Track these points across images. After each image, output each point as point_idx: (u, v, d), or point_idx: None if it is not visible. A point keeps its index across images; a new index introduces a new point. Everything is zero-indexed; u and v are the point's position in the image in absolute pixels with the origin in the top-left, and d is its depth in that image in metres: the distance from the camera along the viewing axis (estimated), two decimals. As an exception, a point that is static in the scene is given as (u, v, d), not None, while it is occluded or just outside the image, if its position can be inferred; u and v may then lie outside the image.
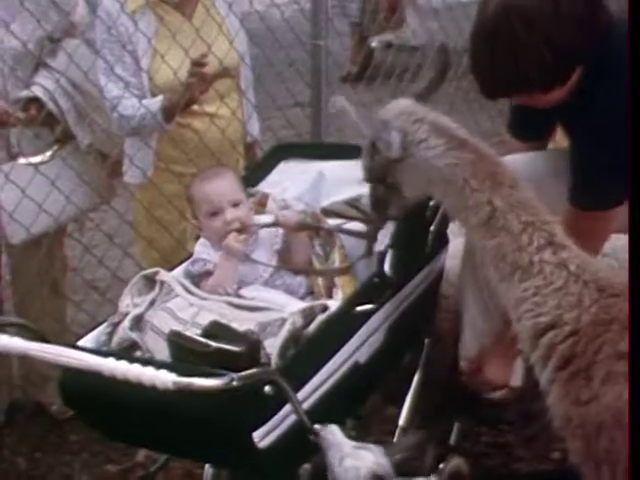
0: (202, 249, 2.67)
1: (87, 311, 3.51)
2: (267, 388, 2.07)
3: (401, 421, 2.67)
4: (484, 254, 2.26)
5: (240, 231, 2.60)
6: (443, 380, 2.82)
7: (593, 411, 2.05)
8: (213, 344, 2.21)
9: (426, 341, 2.81)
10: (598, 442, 2.05)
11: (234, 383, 1.93)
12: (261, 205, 2.88)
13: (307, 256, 2.74)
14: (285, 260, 2.72)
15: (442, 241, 2.78)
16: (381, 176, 2.36)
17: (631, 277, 1.98)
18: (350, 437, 2.12)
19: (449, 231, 2.79)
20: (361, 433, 2.46)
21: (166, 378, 1.89)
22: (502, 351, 2.64)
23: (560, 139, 2.86)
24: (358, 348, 2.43)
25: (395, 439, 2.61)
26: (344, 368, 2.37)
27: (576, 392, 2.09)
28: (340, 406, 2.40)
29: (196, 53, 3.09)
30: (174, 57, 3.11)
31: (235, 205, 2.64)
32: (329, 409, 2.29)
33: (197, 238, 2.75)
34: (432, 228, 2.67)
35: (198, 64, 3.02)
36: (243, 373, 1.98)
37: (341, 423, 2.21)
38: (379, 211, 2.47)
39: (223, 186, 2.66)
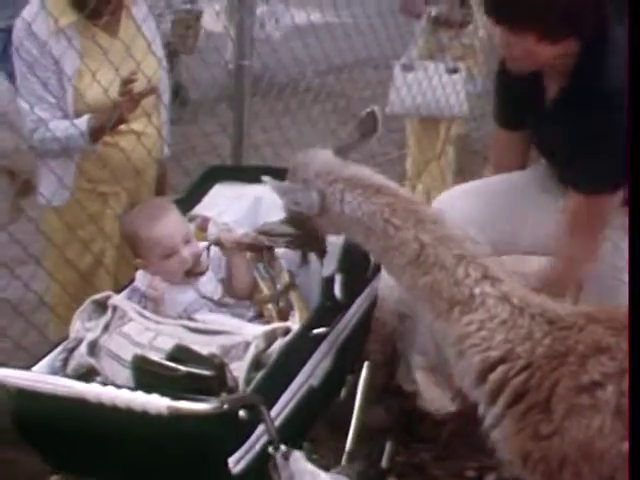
0: (142, 279, 2.66)
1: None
2: (241, 412, 2.08)
3: (347, 446, 2.70)
4: (416, 293, 2.22)
5: (194, 266, 2.62)
6: (381, 401, 2.88)
7: (556, 445, 2.00)
8: (183, 368, 2.20)
9: (365, 364, 2.87)
10: (561, 475, 2.02)
11: (225, 407, 1.93)
12: (202, 229, 2.88)
13: (250, 279, 2.75)
14: (229, 286, 2.72)
15: (378, 265, 2.85)
16: (302, 225, 2.40)
17: (631, 277, 1.94)
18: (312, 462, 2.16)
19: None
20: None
21: (159, 403, 1.87)
22: None
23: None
24: (313, 371, 2.46)
25: (342, 464, 2.65)
26: (302, 391, 2.40)
27: (534, 427, 2.03)
28: (298, 430, 2.42)
29: (125, 72, 3.04)
30: (103, 76, 3.05)
31: (187, 242, 2.63)
32: (289, 433, 2.30)
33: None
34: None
35: (128, 82, 2.97)
36: (232, 397, 1.98)
37: (299, 447, 2.24)
38: (302, 252, 2.54)
39: (173, 225, 2.65)
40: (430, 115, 4.81)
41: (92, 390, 1.90)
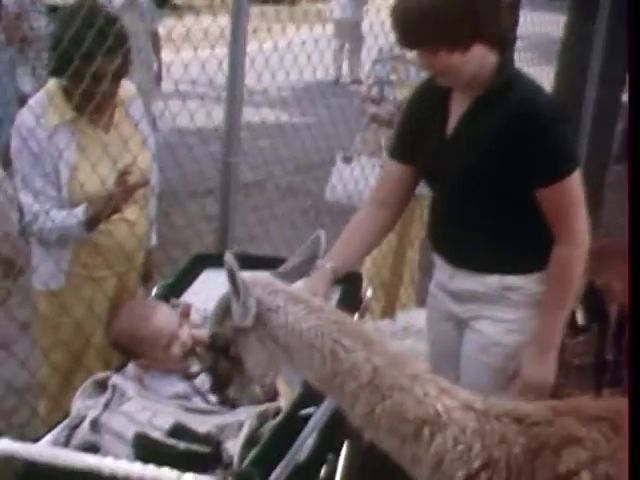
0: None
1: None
2: (237, 489, 2.23)
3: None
4: (373, 421, 2.12)
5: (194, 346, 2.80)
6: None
7: None
8: (182, 445, 2.37)
9: (345, 442, 3.02)
10: None
11: (229, 479, 2.09)
12: (185, 316, 3.04)
13: None
14: None
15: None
16: (225, 346, 2.29)
17: (631, 278, 1.97)
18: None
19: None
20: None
21: (170, 476, 2.01)
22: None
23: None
24: (299, 449, 2.62)
25: None
26: (290, 468, 2.55)
27: None
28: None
29: (119, 165, 3.23)
30: (98, 169, 3.24)
31: (181, 326, 2.82)
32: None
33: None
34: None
35: (124, 174, 3.16)
36: (233, 471, 2.13)
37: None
38: (219, 389, 2.39)
39: (166, 315, 2.84)
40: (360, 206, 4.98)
41: (107, 464, 2.04)
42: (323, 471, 2.88)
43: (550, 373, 2.74)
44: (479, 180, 2.69)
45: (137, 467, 2.03)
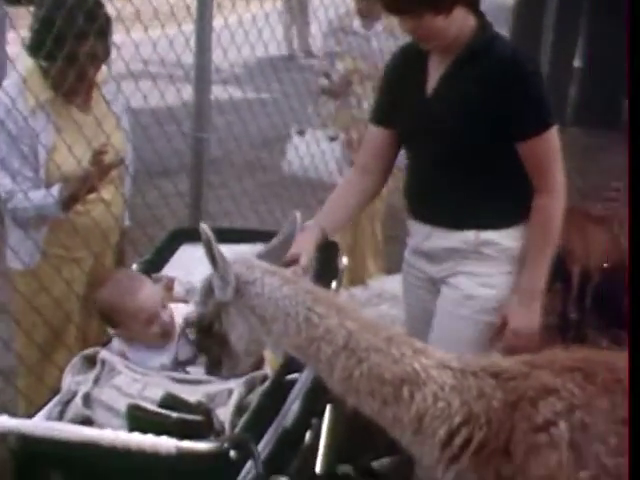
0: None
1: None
2: (232, 452, 2.30)
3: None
4: (352, 385, 2.19)
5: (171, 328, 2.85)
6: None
7: None
8: (174, 415, 2.43)
9: (328, 407, 3.11)
10: None
11: (225, 445, 2.16)
12: (168, 289, 3.10)
13: None
14: None
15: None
16: (209, 325, 2.39)
17: (631, 278, 2.00)
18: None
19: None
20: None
21: (169, 444, 2.09)
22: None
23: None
24: (285, 415, 2.70)
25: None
26: (278, 433, 2.63)
27: (496, 471, 2.12)
28: (275, 470, 2.64)
29: (96, 145, 3.27)
30: (76, 149, 3.27)
31: (164, 306, 2.86)
32: (269, 472, 2.52)
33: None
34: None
35: (99, 154, 3.19)
36: (230, 437, 2.21)
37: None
38: (213, 370, 2.51)
39: (151, 293, 2.86)
40: (317, 178, 5.08)
41: (106, 435, 2.11)
42: (308, 436, 2.98)
43: (536, 321, 2.86)
44: (459, 137, 2.79)
45: (135, 437, 2.09)
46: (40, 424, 2.23)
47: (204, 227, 2.30)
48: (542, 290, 2.87)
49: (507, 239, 2.89)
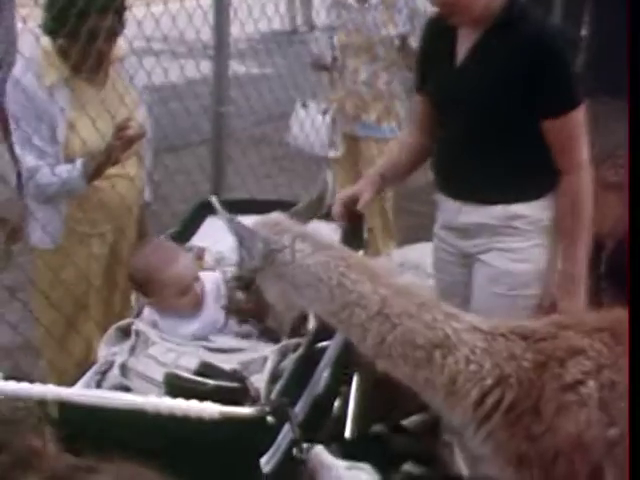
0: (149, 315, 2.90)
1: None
2: (269, 418, 2.34)
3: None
4: (385, 350, 2.22)
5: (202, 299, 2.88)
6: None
7: (548, 441, 2.14)
8: (211, 382, 2.47)
9: (355, 375, 3.15)
10: (555, 467, 2.15)
11: (266, 409, 2.20)
12: (199, 259, 3.14)
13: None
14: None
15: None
16: (248, 285, 2.47)
17: (631, 277, 2.02)
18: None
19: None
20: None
21: (213, 409, 2.12)
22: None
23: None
24: (317, 382, 2.74)
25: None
26: (310, 400, 2.67)
27: (526, 429, 2.16)
28: (310, 435, 2.68)
29: (109, 120, 3.29)
30: (96, 125, 3.30)
31: (196, 279, 2.88)
32: (305, 437, 2.55)
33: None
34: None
35: (122, 127, 3.21)
36: (270, 402, 2.25)
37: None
38: (260, 320, 2.66)
39: (186, 265, 2.88)
40: (313, 154, 5.12)
41: (151, 402, 2.15)
42: (336, 403, 3.02)
43: (582, 305, 2.83)
44: (488, 109, 2.79)
45: (180, 402, 2.13)
46: (83, 391, 2.26)
47: (214, 199, 2.41)
48: (584, 272, 2.84)
49: (536, 210, 2.89)
